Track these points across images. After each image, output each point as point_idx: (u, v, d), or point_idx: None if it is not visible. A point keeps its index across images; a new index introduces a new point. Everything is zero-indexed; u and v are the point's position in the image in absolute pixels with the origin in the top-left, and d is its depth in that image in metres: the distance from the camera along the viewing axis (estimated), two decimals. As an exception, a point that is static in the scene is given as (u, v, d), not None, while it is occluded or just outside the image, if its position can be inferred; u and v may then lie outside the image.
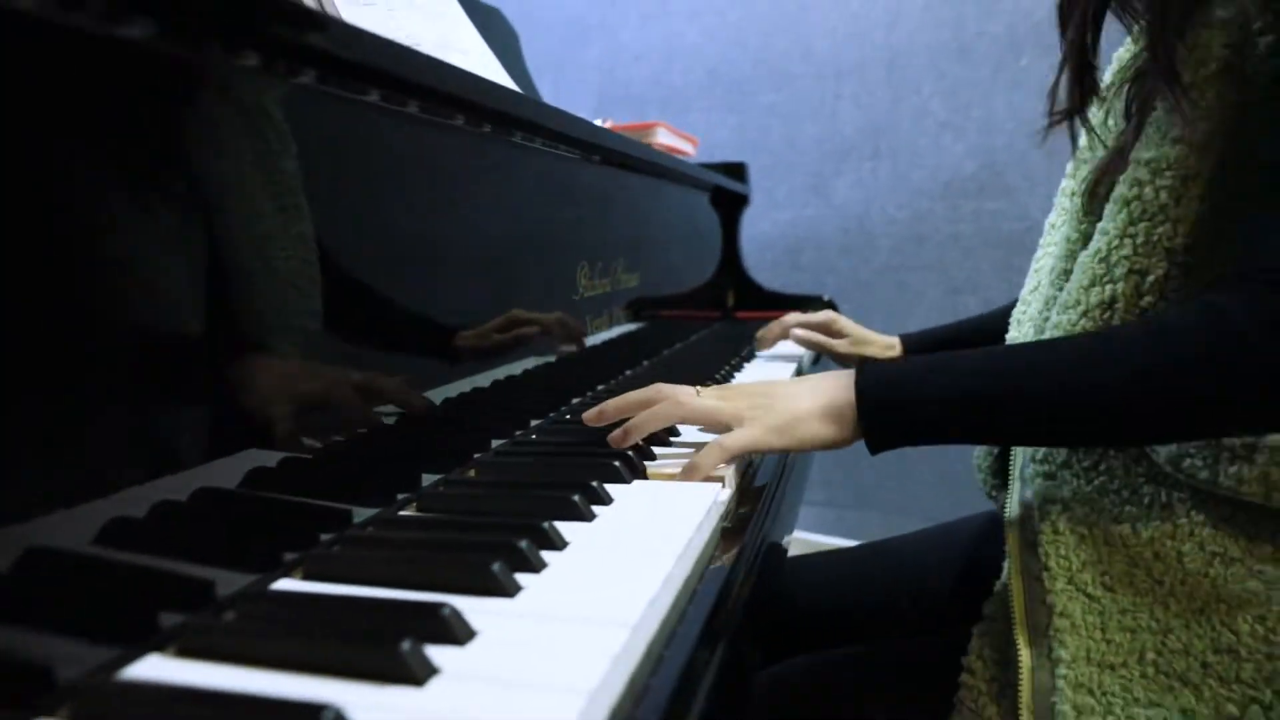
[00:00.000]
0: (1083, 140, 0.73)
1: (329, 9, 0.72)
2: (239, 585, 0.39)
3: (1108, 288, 0.61)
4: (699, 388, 0.65)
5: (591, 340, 0.87)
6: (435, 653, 0.33)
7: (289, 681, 0.31)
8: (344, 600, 0.38)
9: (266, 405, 0.42)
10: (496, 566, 0.39)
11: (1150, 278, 0.59)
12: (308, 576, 0.41)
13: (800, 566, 0.93)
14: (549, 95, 2.54)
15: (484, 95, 0.63)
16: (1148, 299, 0.60)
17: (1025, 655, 0.59)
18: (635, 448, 0.62)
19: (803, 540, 2.34)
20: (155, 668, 0.33)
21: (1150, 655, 0.57)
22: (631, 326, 1.10)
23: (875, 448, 0.59)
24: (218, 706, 0.29)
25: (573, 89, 2.53)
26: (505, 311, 0.69)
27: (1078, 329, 0.62)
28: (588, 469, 0.57)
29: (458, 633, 0.34)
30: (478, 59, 1.04)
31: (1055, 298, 0.69)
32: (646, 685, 0.34)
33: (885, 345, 1.02)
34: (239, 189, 0.41)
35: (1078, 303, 0.63)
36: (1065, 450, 0.63)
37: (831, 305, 1.56)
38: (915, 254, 2.11)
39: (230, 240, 0.41)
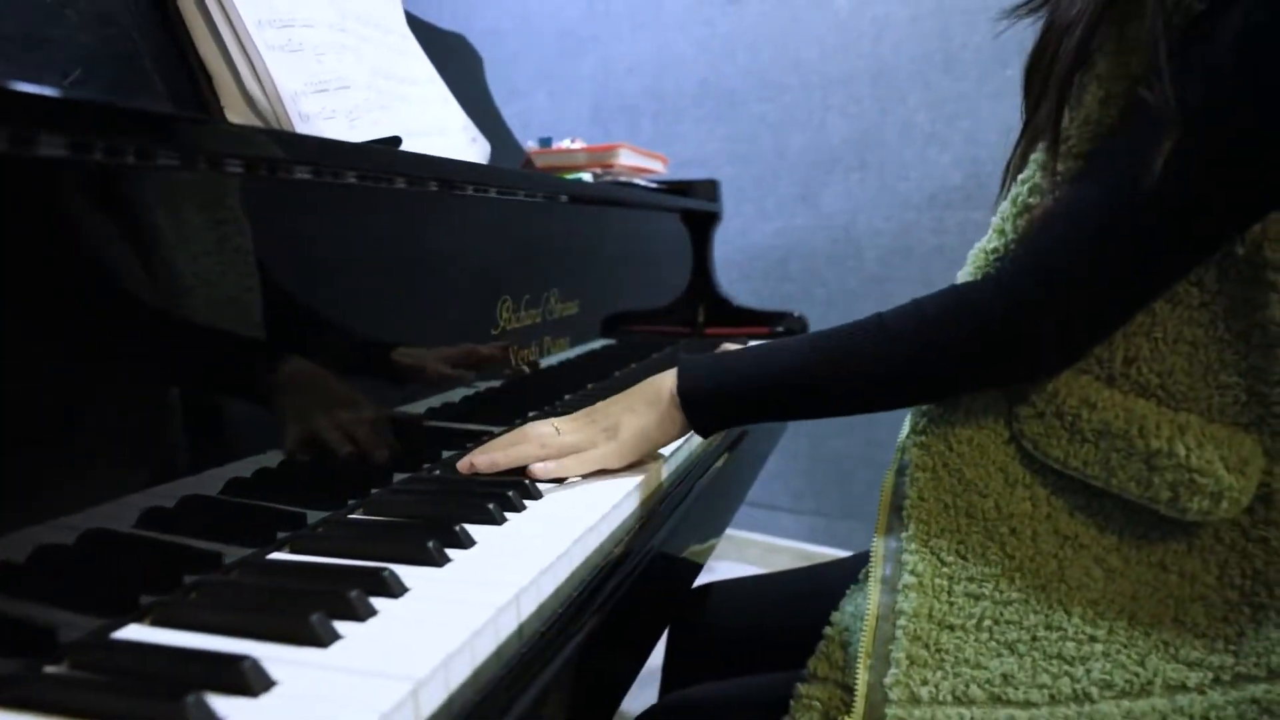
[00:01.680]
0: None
1: (252, 57, 0.75)
2: (81, 632, 0.42)
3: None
4: (556, 423, 0.74)
5: (547, 361, 0.92)
6: (226, 704, 0.36)
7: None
8: (158, 650, 0.41)
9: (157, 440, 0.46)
10: (315, 618, 0.42)
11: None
12: (155, 623, 0.45)
13: (727, 590, 0.95)
14: (545, 106, 2.58)
15: (381, 163, 0.67)
16: None
17: (873, 605, 0.63)
18: (520, 486, 0.65)
19: (792, 549, 2.35)
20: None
21: (987, 622, 0.60)
22: (597, 344, 1.13)
23: (703, 434, 0.73)
24: None
25: (568, 100, 2.56)
26: (433, 351, 0.73)
27: None
28: (456, 511, 0.59)
29: (253, 684, 0.37)
30: (425, 88, 1.07)
31: None
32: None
33: None
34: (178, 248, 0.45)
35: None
36: (943, 423, 0.66)
37: (801, 321, 1.58)
38: (901, 265, 2.12)
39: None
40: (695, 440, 0.85)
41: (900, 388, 0.66)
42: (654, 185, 1.47)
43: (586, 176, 1.33)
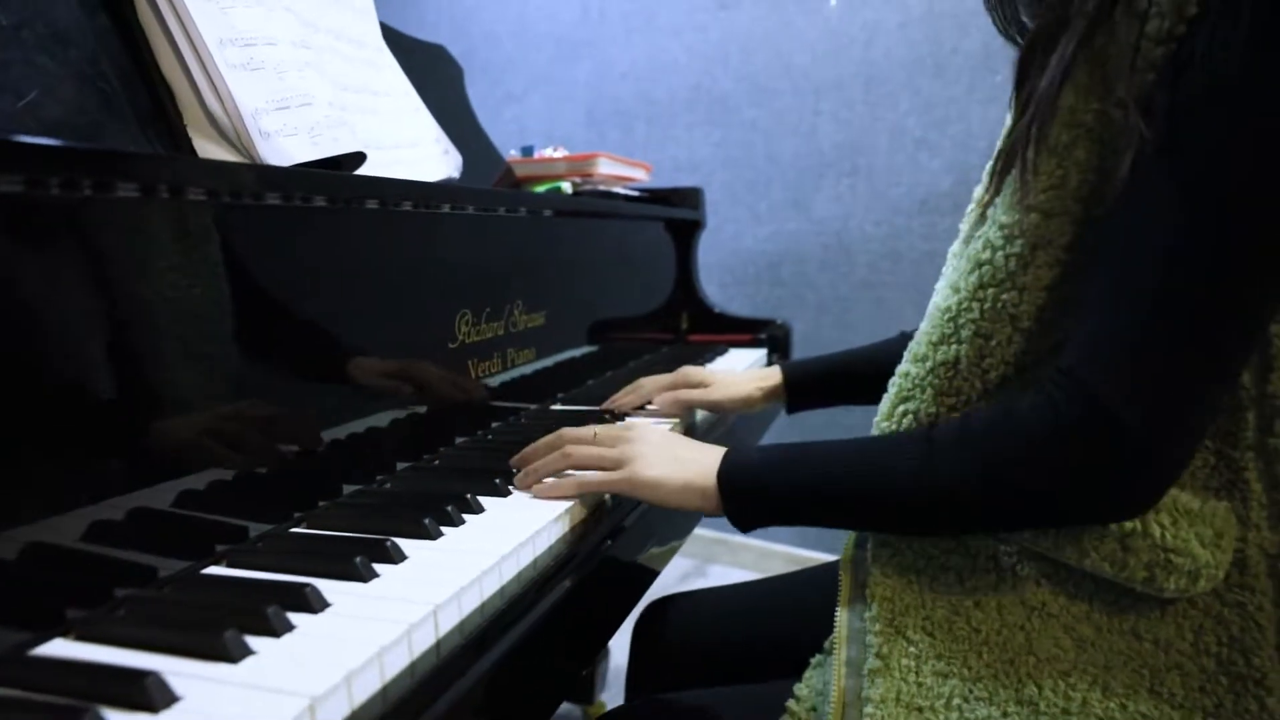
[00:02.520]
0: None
1: (213, 76, 0.76)
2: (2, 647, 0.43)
3: (953, 347, 0.62)
4: (595, 428, 0.73)
5: (518, 372, 0.94)
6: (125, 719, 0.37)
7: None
8: (70, 666, 0.42)
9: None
10: (228, 634, 0.43)
11: (993, 342, 0.60)
12: (79, 638, 0.46)
13: (690, 601, 0.96)
14: (541, 110, 2.60)
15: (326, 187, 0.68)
16: (989, 362, 0.61)
17: (838, 691, 0.62)
18: (460, 500, 0.66)
19: (785, 554, 2.36)
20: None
21: (956, 700, 0.59)
22: (576, 353, 1.14)
23: (742, 529, 0.66)
24: None
25: (563, 105, 2.57)
26: (387, 364, 0.74)
27: (925, 383, 0.64)
28: (391, 526, 0.61)
29: (155, 700, 0.38)
30: (397, 101, 1.09)
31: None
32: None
33: (759, 378, 1.02)
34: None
35: (925, 358, 0.64)
36: None
37: (785, 328, 1.58)
38: (891, 270, 2.12)
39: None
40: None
41: (949, 520, 0.60)
42: (635, 193, 1.48)
43: (566, 186, 1.34)
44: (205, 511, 0.58)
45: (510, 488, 0.70)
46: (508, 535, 0.60)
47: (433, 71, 1.27)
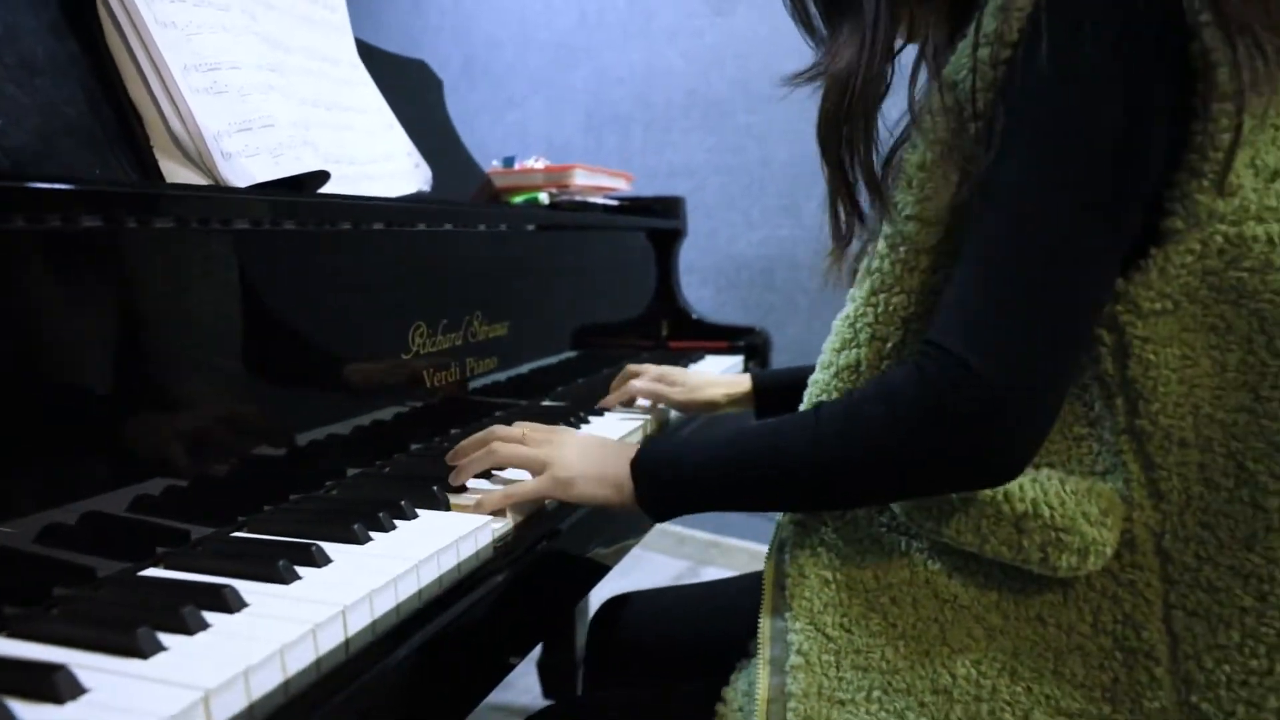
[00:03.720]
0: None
1: (177, 100, 0.81)
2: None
3: (854, 351, 0.67)
4: (524, 427, 0.77)
5: (491, 379, 0.99)
6: (33, 709, 0.41)
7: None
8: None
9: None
10: (141, 630, 0.47)
11: (889, 344, 0.66)
12: (11, 635, 0.50)
13: (644, 600, 1.00)
14: (541, 114, 2.64)
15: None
16: (887, 363, 0.66)
17: (763, 688, 0.66)
18: (394, 506, 0.70)
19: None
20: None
21: (876, 693, 0.63)
22: (554, 359, 1.18)
23: (655, 517, 0.71)
24: None
25: (562, 109, 2.61)
26: (337, 374, 0.79)
27: (831, 386, 0.69)
28: (321, 531, 0.65)
29: (62, 692, 0.42)
30: (371, 117, 1.13)
31: None
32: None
33: (727, 384, 1.07)
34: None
35: (830, 364, 0.69)
36: None
37: (763, 336, 1.61)
38: (882, 275, 2.14)
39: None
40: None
41: (845, 493, 0.64)
42: (614, 203, 1.51)
43: (544, 196, 1.37)
44: (153, 515, 0.62)
45: (449, 495, 0.74)
46: (431, 541, 0.63)
47: (412, 86, 1.31)
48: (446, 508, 0.73)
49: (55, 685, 0.42)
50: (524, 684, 1.72)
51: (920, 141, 0.62)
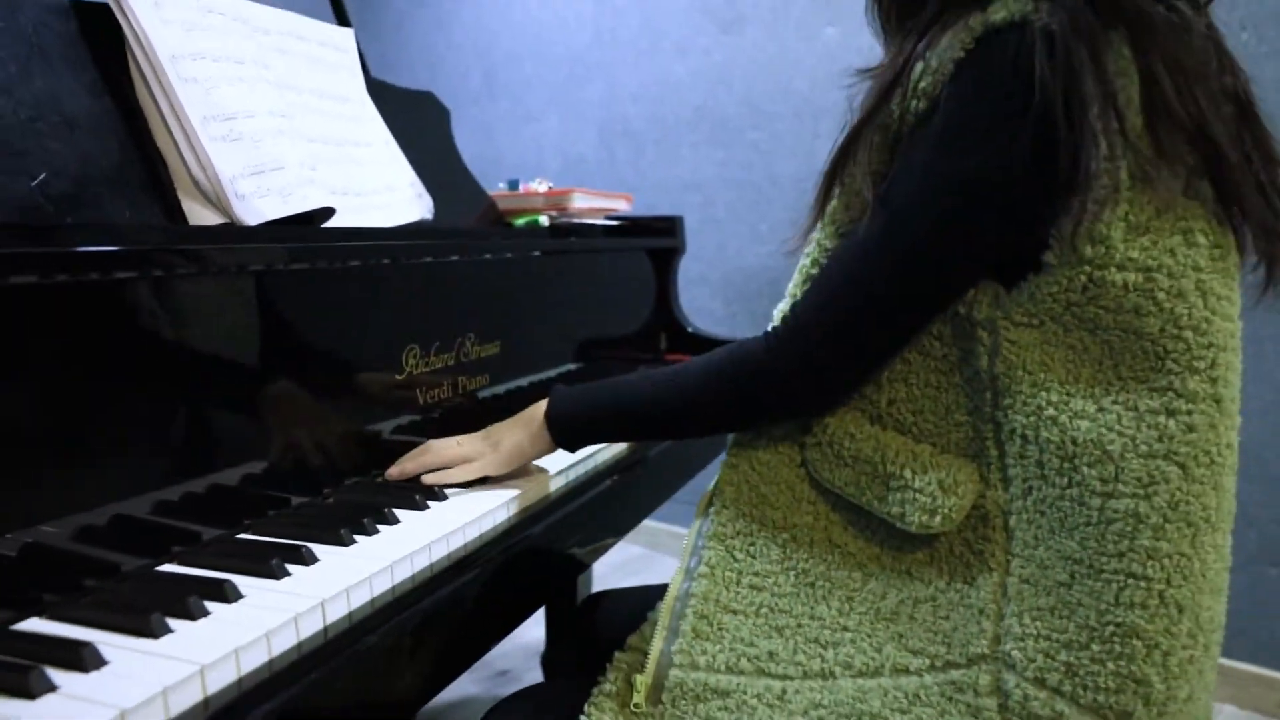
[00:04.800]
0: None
1: (196, 148, 0.91)
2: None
3: None
4: (461, 438, 0.92)
5: (486, 393, 1.09)
6: (64, 676, 0.51)
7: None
8: (35, 637, 0.57)
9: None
10: (154, 616, 0.57)
11: None
12: (51, 617, 0.60)
13: (615, 598, 1.09)
14: (556, 130, 2.74)
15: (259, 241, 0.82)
16: None
17: (674, 588, 0.78)
18: (378, 513, 0.79)
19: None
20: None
21: (764, 610, 0.75)
22: (553, 372, 1.28)
23: (568, 447, 0.91)
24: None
25: (577, 124, 2.71)
26: (335, 392, 0.89)
27: None
28: (312, 534, 0.74)
29: (87, 663, 0.52)
30: (377, 150, 1.23)
31: None
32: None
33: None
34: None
35: None
36: (748, 446, 0.80)
37: (756, 346, 1.69)
38: (882, 287, 2.20)
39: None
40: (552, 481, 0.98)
41: (699, 421, 0.83)
42: (614, 223, 1.60)
43: (544, 219, 1.47)
44: (171, 519, 0.72)
45: (429, 502, 0.83)
46: (407, 543, 0.73)
47: (420, 117, 1.41)
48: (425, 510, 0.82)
49: (82, 658, 0.52)
50: (530, 678, 1.81)
51: (854, 170, 0.72)
